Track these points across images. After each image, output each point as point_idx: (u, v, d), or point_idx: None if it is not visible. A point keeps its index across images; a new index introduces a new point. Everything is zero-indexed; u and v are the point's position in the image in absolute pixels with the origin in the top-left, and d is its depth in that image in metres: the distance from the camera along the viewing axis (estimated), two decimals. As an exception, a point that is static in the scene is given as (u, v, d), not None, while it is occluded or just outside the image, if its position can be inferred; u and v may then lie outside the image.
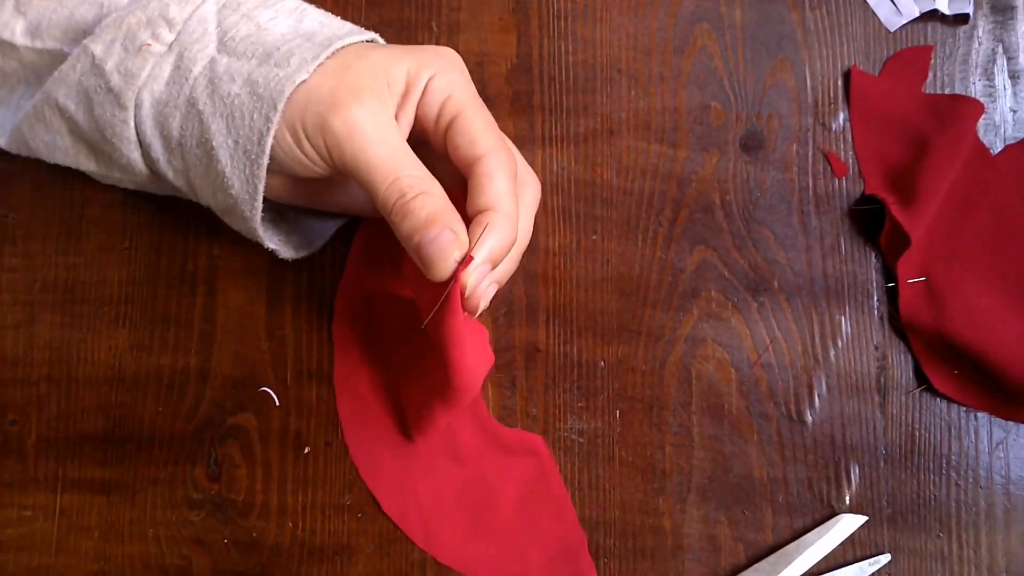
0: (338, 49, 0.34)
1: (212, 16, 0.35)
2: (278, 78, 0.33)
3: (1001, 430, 0.41)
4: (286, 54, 0.33)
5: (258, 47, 0.34)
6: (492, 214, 0.32)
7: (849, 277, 0.42)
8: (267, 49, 0.34)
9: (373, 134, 0.32)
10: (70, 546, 0.42)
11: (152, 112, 0.35)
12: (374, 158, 0.32)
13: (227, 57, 0.34)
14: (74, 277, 0.43)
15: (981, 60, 0.43)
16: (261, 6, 0.36)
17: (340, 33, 0.35)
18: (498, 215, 0.32)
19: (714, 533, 0.40)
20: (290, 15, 0.36)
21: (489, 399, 0.41)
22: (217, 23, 0.35)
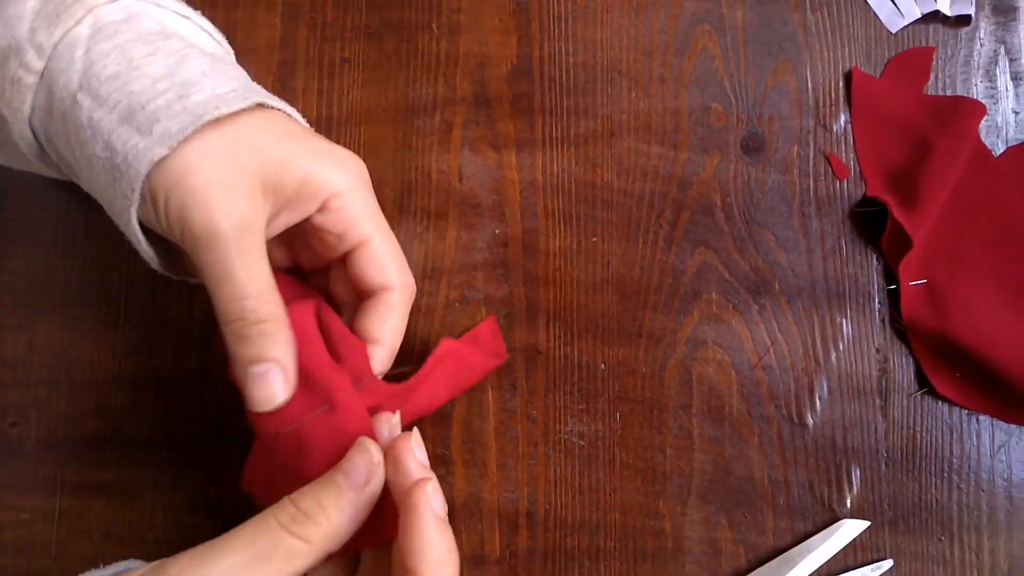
0: (214, 121, 0.30)
1: (83, 41, 0.31)
2: (136, 151, 0.29)
3: (1003, 433, 0.41)
4: (151, 116, 0.29)
5: (123, 96, 0.30)
6: (381, 349, 0.34)
7: (850, 279, 0.42)
8: (131, 103, 0.30)
9: (232, 247, 0.30)
10: (69, 549, 0.42)
11: (46, 139, 0.32)
12: (225, 272, 0.30)
13: (89, 100, 0.30)
14: (74, 279, 0.43)
15: (983, 62, 0.43)
16: (139, 40, 0.31)
17: (222, 92, 0.31)
18: (385, 351, 0.34)
19: (715, 536, 0.40)
20: (169, 56, 0.31)
21: (489, 402, 0.41)
22: (86, 50, 0.31)
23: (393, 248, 0.35)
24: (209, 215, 0.29)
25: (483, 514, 0.41)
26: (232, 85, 0.32)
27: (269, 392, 0.31)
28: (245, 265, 0.30)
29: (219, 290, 0.30)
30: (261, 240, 0.31)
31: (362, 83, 0.43)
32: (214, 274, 0.30)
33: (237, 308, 0.30)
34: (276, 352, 0.31)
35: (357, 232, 0.33)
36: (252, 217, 0.30)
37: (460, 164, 0.43)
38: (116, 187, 0.30)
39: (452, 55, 0.43)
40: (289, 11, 0.44)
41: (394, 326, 0.34)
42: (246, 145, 0.31)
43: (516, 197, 0.43)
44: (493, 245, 0.42)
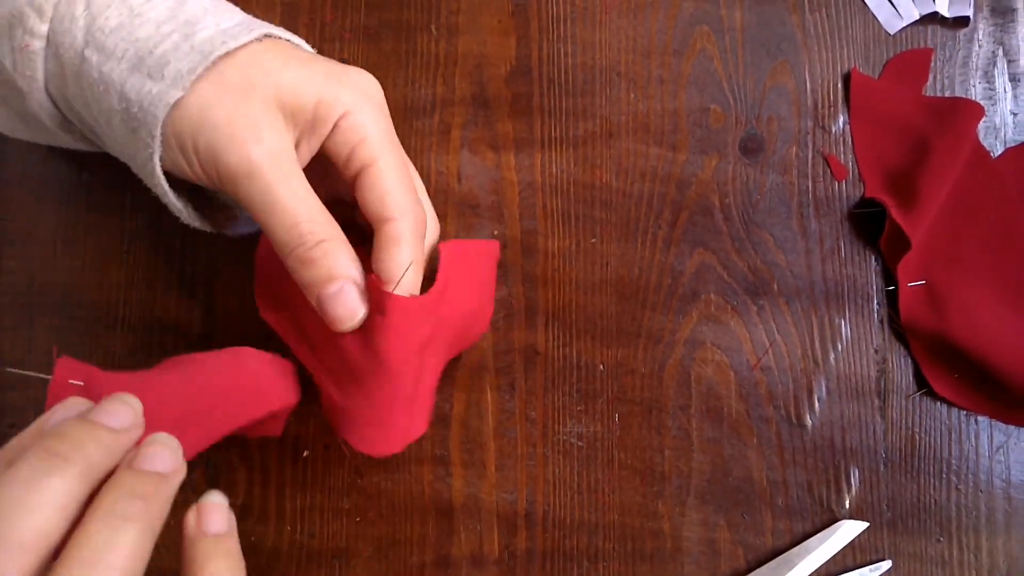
0: (224, 55, 0.30)
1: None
2: (151, 96, 0.29)
3: (1002, 434, 0.41)
4: (160, 60, 0.29)
5: (130, 45, 0.30)
6: (392, 289, 0.31)
7: (849, 280, 0.42)
8: (139, 50, 0.29)
9: (272, 175, 0.29)
10: (68, 549, 0.41)
11: (66, 106, 0.32)
12: (272, 201, 0.30)
13: (96, 54, 0.30)
14: (73, 280, 0.43)
15: (981, 63, 0.43)
16: None
17: (227, 27, 0.31)
18: (399, 290, 0.31)
19: (713, 537, 0.40)
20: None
21: (488, 403, 0.41)
22: (86, 5, 0.30)
23: (397, 173, 0.32)
24: (241, 148, 0.29)
25: (482, 515, 0.41)
26: (236, 19, 0.32)
27: (348, 308, 0.31)
28: (290, 190, 0.30)
29: (271, 221, 0.30)
30: (296, 165, 0.30)
31: (361, 84, 0.43)
32: (261, 206, 0.30)
33: (296, 234, 0.30)
34: (344, 268, 0.30)
35: (362, 154, 0.31)
36: (283, 143, 0.30)
37: (459, 165, 0.43)
38: (136, 137, 0.30)
39: (451, 56, 0.43)
40: (288, 12, 0.44)
41: (400, 262, 0.31)
42: (260, 72, 0.30)
43: (515, 198, 0.43)
44: (492, 246, 0.42)
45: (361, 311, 0.31)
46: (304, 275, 0.31)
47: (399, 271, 0.31)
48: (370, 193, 0.31)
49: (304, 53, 0.32)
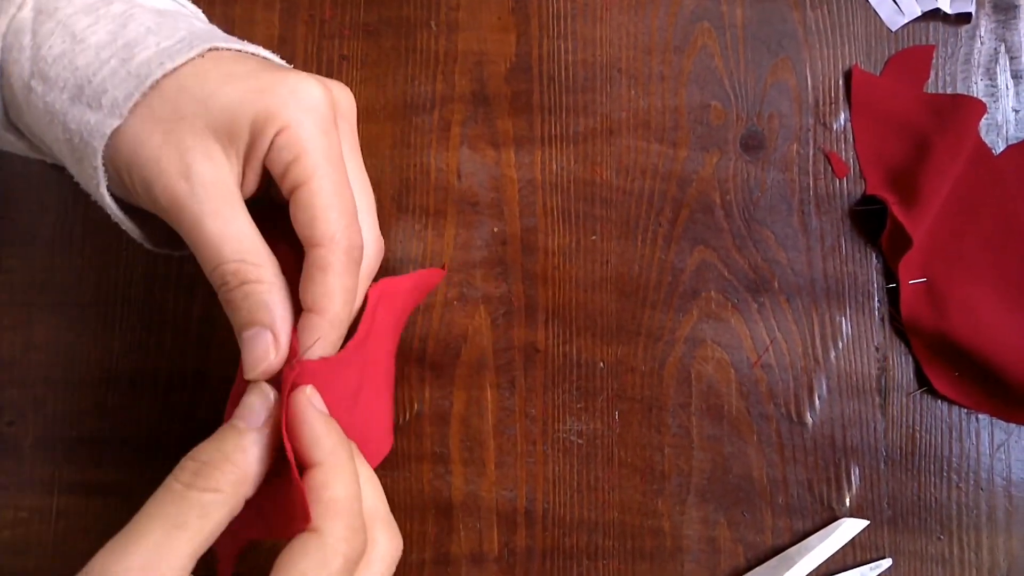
0: (161, 79, 0.29)
1: (28, 26, 0.30)
2: (89, 127, 0.28)
3: (1002, 432, 0.41)
4: (98, 89, 0.29)
5: (70, 74, 0.29)
6: (317, 319, 0.29)
7: (850, 278, 0.42)
8: (79, 79, 0.29)
9: (197, 211, 0.28)
10: (67, 548, 0.41)
11: (28, 132, 0.32)
12: (198, 239, 0.28)
13: (41, 84, 0.29)
14: (71, 279, 0.43)
15: (983, 60, 0.43)
16: (82, 11, 0.30)
17: (167, 46, 0.29)
18: (323, 321, 0.29)
19: (713, 535, 0.40)
20: (112, 20, 0.30)
21: (488, 400, 0.41)
22: (32, 33, 0.29)
23: (331, 194, 0.29)
24: (167, 184, 0.28)
25: (481, 513, 0.41)
26: (179, 35, 0.30)
27: (255, 357, 0.29)
28: (217, 226, 0.28)
29: (199, 257, 0.29)
30: (231, 198, 0.29)
31: (360, 80, 0.43)
32: (190, 242, 0.29)
33: (218, 274, 0.29)
34: (262, 316, 0.29)
35: (295, 172, 0.29)
36: (214, 174, 0.28)
37: (459, 162, 0.43)
38: (82, 167, 0.30)
39: (451, 53, 0.43)
40: (287, 8, 0.44)
41: (327, 291, 0.29)
42: (189, 99, 0.29)
43: (515, 195, 0.42)
44: (492, 243, 0.42)
45: (267, 362, 0.29)
46: (228, 316, 0.30)
47: (329, 303, 0.29)
48: (300, 214, 0.29)
49: (241, 67, 0.30)
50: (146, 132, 0.28)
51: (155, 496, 0.26)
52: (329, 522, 0.27)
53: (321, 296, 0.29)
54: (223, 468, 0.27)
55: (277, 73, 0.30)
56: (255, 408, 0.28)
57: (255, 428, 0.28)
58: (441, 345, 0.42)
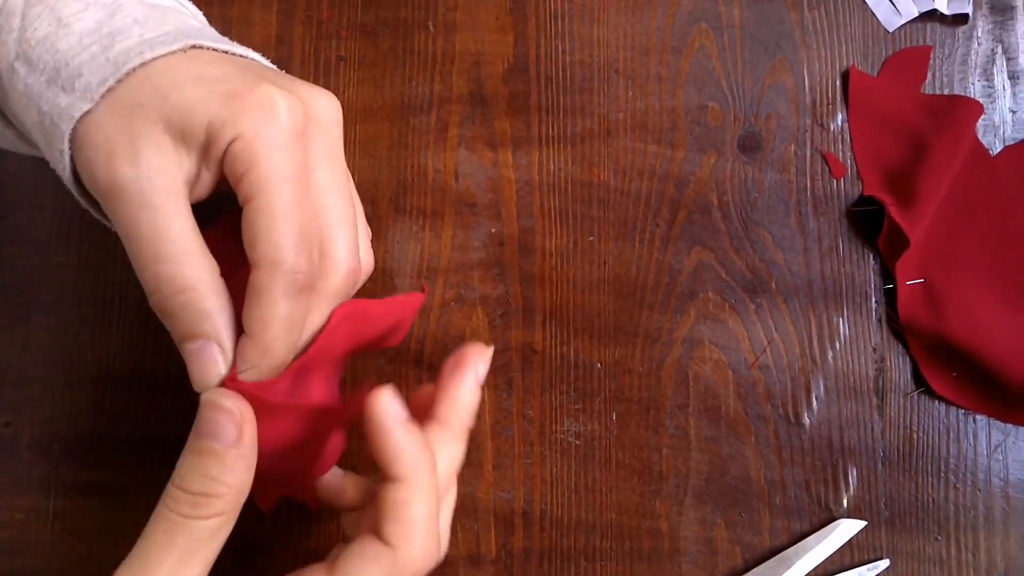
0: (138, 67, 0.28)
1: (19, 8, 0.29)
2: (59, 109, 0.28)
3: (1000, 433, 0.41)
4: (74, 73, 0.28)
5: (50, 57, 0.28)
6: (249, 344, 0.28)
7: (847, 279, 0.42)
8: (57, 62, 0.28)
9: (137, 201, 0.27)
10: (64, 549, 0.41)
11: (13, 119, 0.31)
12: (134, 233, 0.27)
13: (24, 67, 0.29)
14: (68, 278, 0.43)
15: (980, 60, 0.43)
16: None
17: (151, 37, 0.29)
18: (255, 347, 0.28)
19: (711, 536, 0.40)
20: (101, 9, 0.29)
21: (485, 401, 0.41)
22: (22, 16, 0.29)
23: (277, 214, 0.27)
24: (110, 167, 0.27)
25: (479, 514, 0.41)
26: (165, 29, 0.29)
27: (204, 371, 0.28)
28: (155, 221, 0.27)
29: (131, 253, 0.27)
30: (176, 195, 0.27)
31: (358, 81, 0.43)
32: (124, 234, 0.27)
33: (151, 275, 0.27)
34: (205, 326, 0.27)
35: (245, 187, 0.27)
36: (160, 166, 0.27)
37: (456, 163, 0.43)
38: (51, 151, 0.29)
39: (448, 53, 0.43)
40: (284, 9, 0.44)
41: (259, 316, 0.27)
42: (151, 90, 0.27)
43: (512, 196, 0.42)
44: (489, 244, 0.42)
45: (218, 375, 0.28)
46: (167, 325, 0.28)
47: (255, 326, 0.28)
48: (245, 231, 0.27)
49: (220, 70, 0.29)
50: (103, 116, 0.27)
51: (156, 526, 0.26)
52: (406, 543, 0.27)
53: (254, 321, 0.27)
54: (218, 492, 0.26)
55: (250, 81, 0.28)
56: (223, 425, 0.27)
57: (232, 446, 0.27)
58: (439, 346, 0.42)
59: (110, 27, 0.29)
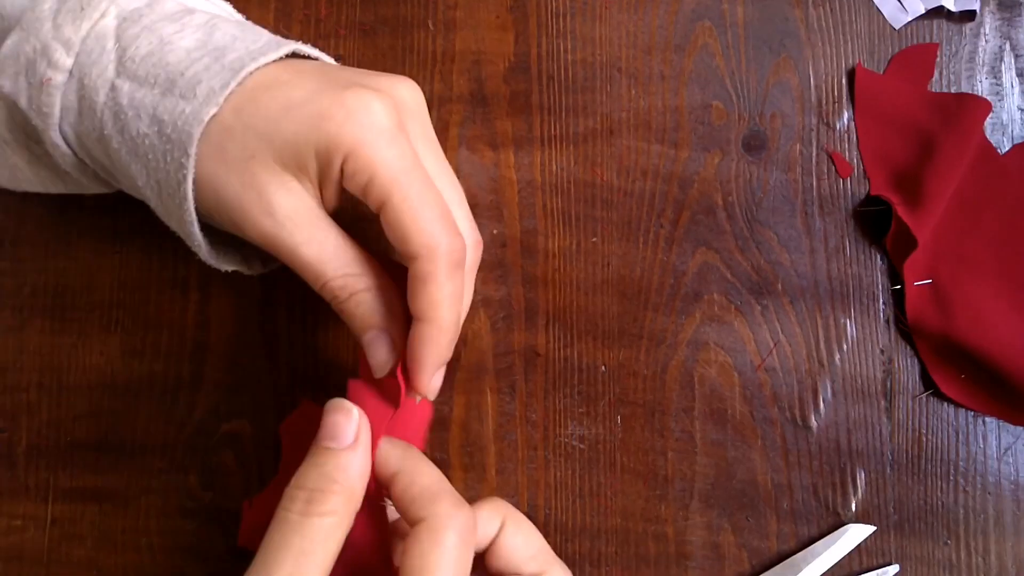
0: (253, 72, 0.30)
1: (111, 32, 0.31)
2: (185, 115, 0.29)
3: (1010, 435, 0.40)
4: (192, 81, 0.30)
5: (160, 70, 0.30)
6: (426, 328, 0.30)
7: (854, 279, 0.41)
8: (171, 73, 0.30)
9: (291, 240, 0.30)
10: (62, 556, 0.41)
11: (78, 144, 0.32)
12: (299, 264, 0.30)
13: (128, 82, 0.30)
14: (65, 282, 0.42)
15: (988, 58, 0.42)
16: (166, 19, 0.31)
17: (255, 48, 0.31)
18: (433, 329, 0.30)
19: (717, 540, 0.40)
20: (198, 29, 0.31)
21: (488, 405, 0.41)
22: (116, 38, 0.31)
23: (416, 205, 0.29)
24: (256, 224, 0.30)
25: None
26: (264, 39, 0.32)
27: (377, 359, 0.31)
28: (313, 250, 0.30)
29: (305, 276, 0.31)
30: (318, 222, 0.30)
31: (357, 81, 0.43)
32: (292, 266, 0.31)
33: (327, 291, 0.31)
34: (375, 320, 0.31)
35: (374, 194, 0.29)
36: (295, 204, 0.30)
37: (457, 163, 0.42)
38: (169, 160, 0.30)
39: (448, 52, 0.43)
40: (282, 7, 0.43)
41: (432, 301, 0.29)
42: (253, 137, 0.29)
43: (514, 197, 0.42)
44: (491, 246, 0.42)
45: (388, 361, 0.31)
46: (346, 322, 0.32)
47: (431, 311, 0.30)
48: (391, 232, 0.30)
49: (303, 91, 0.30)
50: (222, 176, 0.30)
51: (274, 528, 0.27)
52: (430, 506, 0.28)
53: (427, 306, 0.30)
54: (332, 490, 0.28)
55: (335, 94, 0.29)
56: (342, 427, 0.29)
57: (348, 447, 0.28)
58: (440, 349, 0.41)
59: (214, 43, 0.31)
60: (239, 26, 0.32)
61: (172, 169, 0.30)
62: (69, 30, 0.31)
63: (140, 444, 0.41)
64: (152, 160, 0.30)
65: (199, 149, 0.30)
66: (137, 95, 0.30)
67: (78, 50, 0.31)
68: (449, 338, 0.31)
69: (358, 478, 0.28)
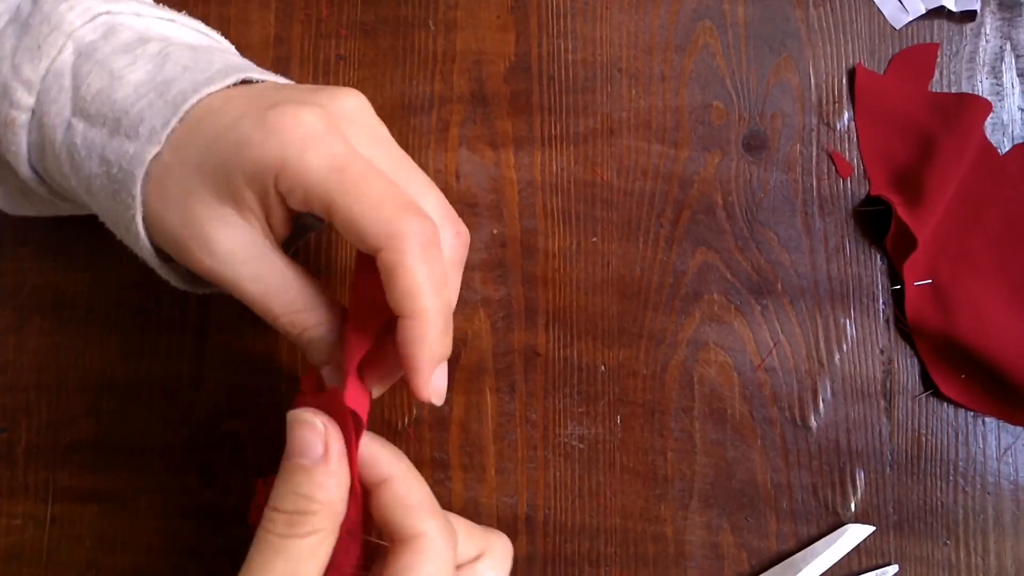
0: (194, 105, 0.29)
1: (68, 69, 0.30)
2: (128, 156, 0.29)
3: (1009, 435, 0.40)
4: (135, 119, 0.29)
5: (108, 108, 0.30)
6: (409, 324, 0.28)
7: (854, 279, 0.41)
8: (117, 112, 0.30)
9: (235, 277, 0.29)
10: (61, 556, 0.41)
11: (47, 176, 0.32)
12: (247, 299, 0.30)
13: (82, 122, 0.30)
14: (65, 282, 0.42)
15: (988, 58, 0.42)
16: (120, 51, 0.31)
17: (201, 79, 0.30)
18: (415, 323, 0.28)
19: (717, 540, 0.40)
20: (150, 60, 0.31)
21: (488, 404, 0.41)
22: (72, 76, 0.30)
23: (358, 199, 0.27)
24: (199, 261, 0.29)
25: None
26: (214, 68, 0.31)
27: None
28: (258, 290, 0.29)
29: (256, 310, 0.30)
30: (262, 256, 0.29)
31: (357, 80, 0.43)
32: (243, 301, 0.30)
33: (279, 326, 0.30)
34: (326, 356, 0.30)
35: (317, 205, 0.28)
36: (236, 240, 0.29)
37: (457, 163, 0.42)
38: (117, 200, 0.30)
39: (449, 52, 0.43)
40: (283, 7, 0.43)
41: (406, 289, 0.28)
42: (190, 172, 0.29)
43: (514, 196, 0.42)
44: (491, 245, 0.42)
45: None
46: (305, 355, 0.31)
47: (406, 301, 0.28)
48: (347, 233, 0.28)
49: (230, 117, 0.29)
50: (163, 214, 0.29)
51: (256, 549, 0.27)
52: (429, 520, 0.28)
53: (404, 298, 0.27)
54: (311, 510, 0.27)
55: (256, 116, 0.28)
56: (309, 441, 0.28)
57: (318, 460, 0.27)
58: (440, 349, 0.41)
59: (163, 76, 0.30)
60: (193, 53, 0.31)
61: (121, 209, 0.30)
62: (27, 69, 0.30)
63: (139, 444, 0.41)
64: (104, 200, 0.30)
65: (146, 188, 0.29)
66: (89, 135, 0.30)
67: (39, 88, 0.30)
68: (438, 330, 0.28)
69: (337, 492, 0.27)
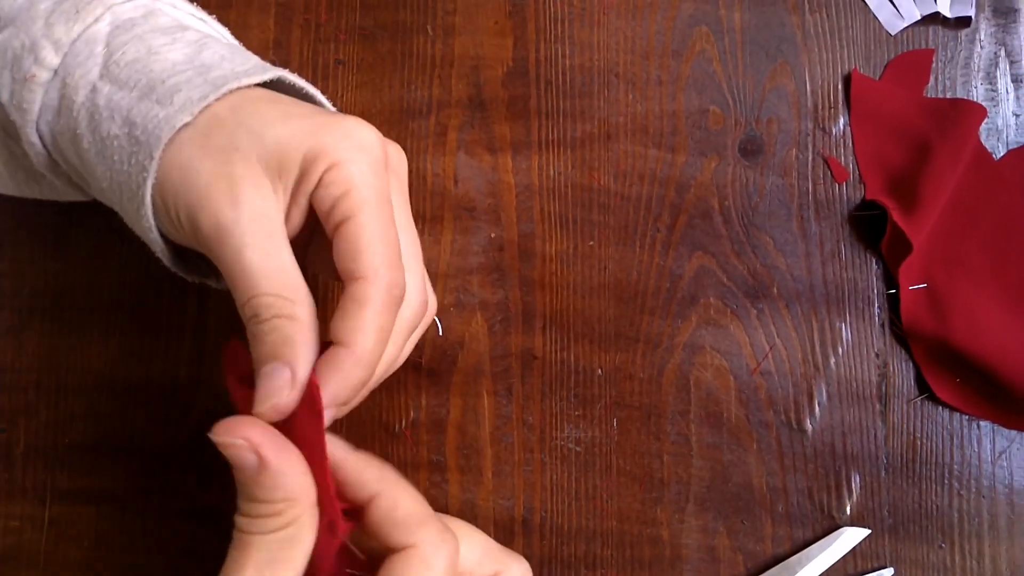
0: (235, 90, 0.29)
1: (103, 37, 0.31)
2: (157, 119, 0.29)
3: (1004, 439, 0.40)
4: (171, 89, 0.29)
5: (143, 76, 0.30)
6: (344, 353, 0.27)
7: (850, 284, 0.41)
8: (152, 80, 0.30)
9: (242, 240, 0.28)
10: (59, 557, 0.41)
11: (52, 143, 0.32)
12: (239, 268, 0.28)
13: (109, 85, 0.30)
14: (64, 284, 0.42)
15: (983, 64, 0.43)
16: (159, 31, 0.31)
17: (241, 70, 0.31)
18: (350, 356, 0.27)
19: (713, 543, 0.40)
20: (188, 45, 0.31)
21: (485, 407, 0.41)
22: (106, 44, 0.31)
23: (378, 231, 0.28)
24: (215, 211, 0.28)
25: (478, 521, 0.40)
26: (251, 63, 0.32)
27: (267, 390, 0.27)
28: (259, 257, 0.28)
29: (235, 287, 0.28)
30: (275, 232, 0.29)
31: (356, 85, 0.43)
32: (228, 271, 0.28)
33: (251, 306, 0.28)
34: (285, 351, 0.27)
35: (342, 207, 0.28)
36: (264, 207, 0.28)
37: (455, 167, 0.42)
38: (132, 163, 0.29)
39: (447, 57, 0.43)
40: (282, 12, 0.44)
41: (359, 325, 0.27)
42: (246, 131, 0.29)
43: (512, 201, 0.42)
44: (489, 249, 0.42)
45: (276, 398, 0.27)
46: (253, 350, 0.28)
47: (360, 338, 0.27)
48: (344, 247, 0.28)
49: (304, 108, 0.30)
50: (198, 160, 0.28)
51: (232, 547, 0.27)
52: (419, 532, 0.27)
53: (352, 330, 0.28)
54: (273, 511, 0.26)
55: (333, 117, 0.30)
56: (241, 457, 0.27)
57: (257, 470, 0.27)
58: (438, 352, 0.41)
59: (201, 60, 0.31)
60: (230, 48, 0.32)
61: (135, 172, 0.30)
62: (60, 30, 0.30)
63: (138, 445, 0.41)
64: (117, 162, 0.30)
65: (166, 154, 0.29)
66: (115, 97, 0.30)
67: (67, 51, 0.31)
68: (360, 373, 0.28)
69: (292, 484, 0.26)
